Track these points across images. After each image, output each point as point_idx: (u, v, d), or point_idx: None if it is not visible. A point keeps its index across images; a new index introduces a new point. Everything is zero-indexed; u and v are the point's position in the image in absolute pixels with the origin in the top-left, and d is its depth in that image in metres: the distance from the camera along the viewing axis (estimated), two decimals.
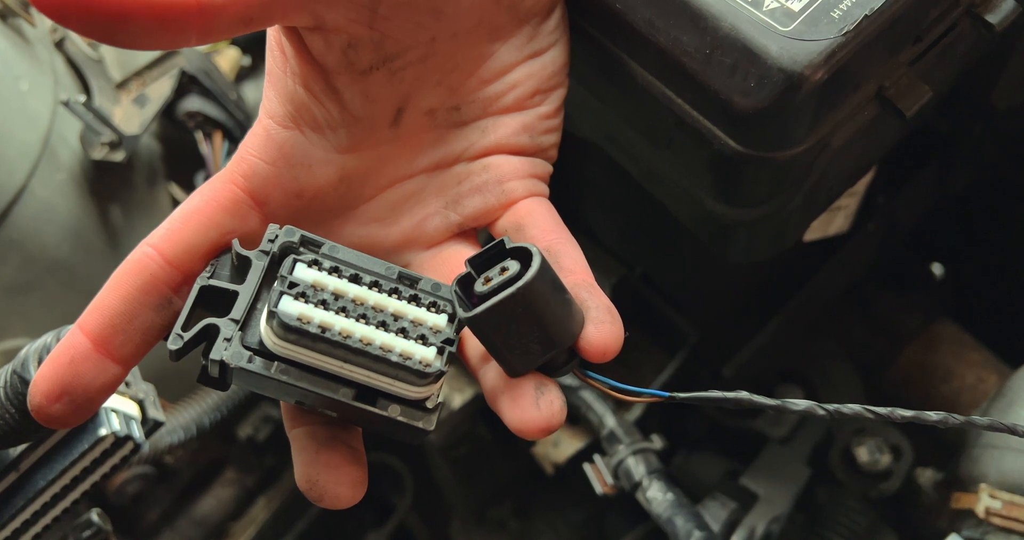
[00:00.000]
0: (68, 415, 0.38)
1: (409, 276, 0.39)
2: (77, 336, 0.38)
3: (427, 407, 0.39)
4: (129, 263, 0.39)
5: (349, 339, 0.36)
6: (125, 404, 0.55)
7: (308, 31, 0.40)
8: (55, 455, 0.53)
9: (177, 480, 0.88)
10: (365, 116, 0.43)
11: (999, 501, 0.61)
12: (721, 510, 0.70)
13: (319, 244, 0.39)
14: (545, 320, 0.36)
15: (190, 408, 0.82)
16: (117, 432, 0.53)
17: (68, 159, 0.75)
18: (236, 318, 0.37)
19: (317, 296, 0.37)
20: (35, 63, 0.75)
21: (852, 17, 0.40)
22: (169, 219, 0.40)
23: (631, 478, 0.68)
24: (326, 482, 0.40)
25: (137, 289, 0.38)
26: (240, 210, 0.41)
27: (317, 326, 0.36)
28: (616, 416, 0.72)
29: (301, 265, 0.37)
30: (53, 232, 0.73)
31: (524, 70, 0.45)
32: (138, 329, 0.38)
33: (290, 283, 0.36)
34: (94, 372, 0.38)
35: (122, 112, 0.78)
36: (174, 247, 0.39)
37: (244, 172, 0.41)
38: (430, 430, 0.39)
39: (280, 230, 0.39)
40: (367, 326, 0.37)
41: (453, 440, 0.82)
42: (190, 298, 0.38)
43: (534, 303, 0.36)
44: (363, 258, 0.39)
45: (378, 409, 0.38)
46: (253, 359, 0.37)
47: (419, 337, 0.38)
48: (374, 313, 0.37)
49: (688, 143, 0.46)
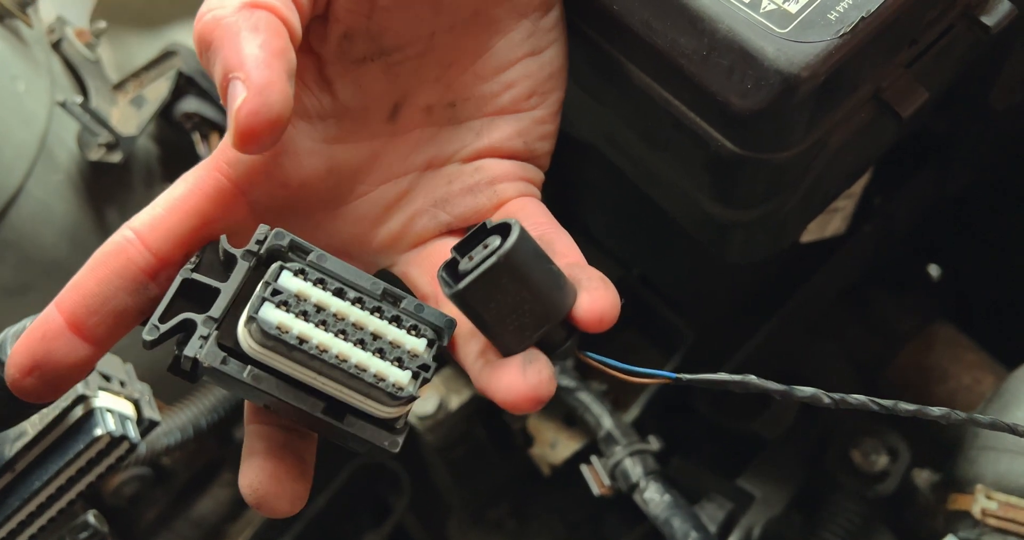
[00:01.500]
0: (40, 389, 0.38)
1: (393, 294, 0.39)
2: (52, 313, 0.38)
3: (395, 427, 0.38)
4: (108, 246, 0.39)
5: (325, 354, 0.36)
6: (120, 404, 0.55)
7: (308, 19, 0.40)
8: (51, 455, 0.53)
9: (174, 481, 0.88)
10: (357, 107, 0.43)
11: (995, 502, 0.61)
12: (718, 511, 0.70)
13: (307, 251, 0.38)
14: (533, 289, 0.36)
15: (187, 409, 0.82)
16: (112, 432, 0.53)
17: (65, 160, 0.75)
18: (215, 316, 0.37)
19: (299, 306, 0.36)
20: (32, 64, 0.74)
21: (849, 19, 0.40)
22: (152, 205, 0.40)
23: (628, 479, 0.68)
24: (267, 493, 0.39)
25: (113, 272, 0.38)
26: (224, 199, 0.40)
27: (295, 337, 0.36)
28: (613, 417, 0.72)
29: (287, 273, 0.37)
30: (50, 233, 0.73)
31: (521, 69, 0.45)
32: (111, 312, 0.38)
33: (273, 290, 0.36)
34: (65, 350, 0.38)
35: (119, 113, 0.78)
36: (154, 234, 0.39)
37: (229, 159, 0.41)
38: (395, 451, 0.38)
39: (270, 232, 0.38)
40: (345, 342, 0.37)
41: (450, 441, 0.82)
42: (171, 290, 0.38)
43: (518, 271, 0.36)
44: (350, 270, 0.39)
45: (345, 426, 0.38)
46: (227, 360, 0.37)
47: (396, 359, 0.38)
48: (354, 330, 0.37)
49: (685, 144, 0.46)
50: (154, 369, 0.58)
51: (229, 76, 0.35)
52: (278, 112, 0.35)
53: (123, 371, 0.58)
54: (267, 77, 0.35)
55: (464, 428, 0.82)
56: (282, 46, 0.36)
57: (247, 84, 0.35)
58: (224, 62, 0.36)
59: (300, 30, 0.38)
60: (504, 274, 0.35)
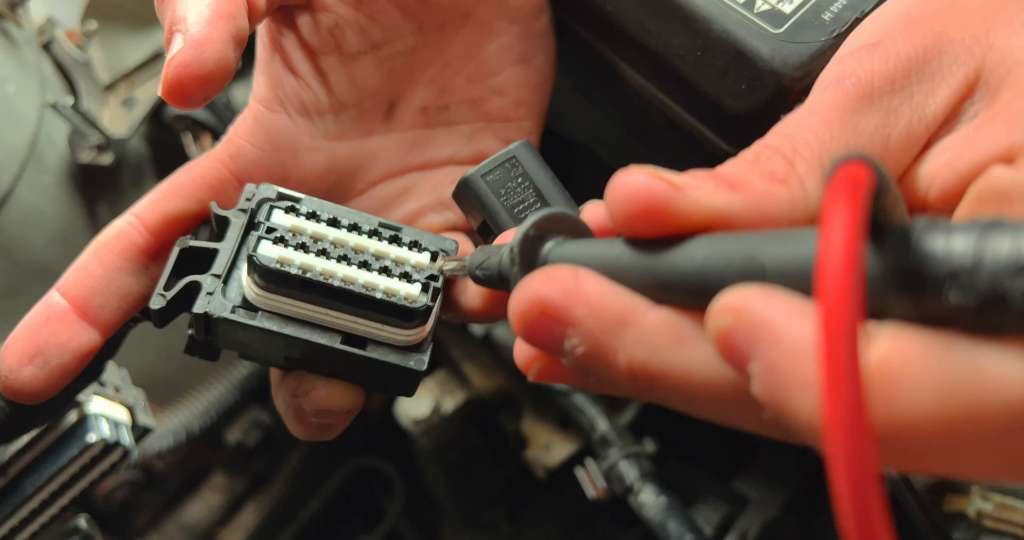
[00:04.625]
0: (39, 381, 0.37)
1: (390, 225, 0.39)
2: (55, 298, 0.38)
3: (418, 348, 0.38)
4: (111, 229, 0.40)
5: (331, 280, 0.36)
6: (115, 409, 0.54)
7: (299, 10, 0.41)
8: (44, 461, 0.52)
9: (166, 486, 0.87)
10: (353, 102, 0.44)
11: (991, 503, 0.61)
12: (713, 513, 0.70)
13: (297, 199, 0.39)
14: (540, 183, 0.38)
15: (180, 413, 0.81)
16: (107, 438, 0.52)
17: (55, 162, 0.75)
18: (217, 273, 0.37)
19: (296, 240, 0.37)
20: (22, 65, 0.74)
21: (843, 19, 0.40)
22: (154, 191, 0.41)
23: (623, 482, 0.68)
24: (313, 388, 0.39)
25: (117, 254, 0.39)
26: (224, 189, 0.41)
27: (297, 268, 0.35)
28: (608, 420, 0.72)
29: (278, 211, 0.37)
30: (40, 236, 0.72)
31: (512, 76, 0.46)
32: (116, 293, 0.38)
33: (267, 228, 0.36)
34: (70, 333, 0.37)
35: (110, 115, 0.78)
36: (154, 215, 0.39)
37: (231, 153, 0.41)
38: (422, 370, 0.38)
39: (257, 188, 0.39)
40: (348, 266, 0.37)
41: (444, 444, 0.81)
42: (171, 259, 0.38)
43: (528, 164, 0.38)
44: (341, 209, 0.39)
45: (368, 353, 0.37)
46: (236, 310, 0.36)
47: (402, 275, 0.38)
48: (355, 254, 0.37)
49: (680, 145, 0.46)
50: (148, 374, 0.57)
51: (172, 29, 0.36)
52: (210, 69, 0.35)
53: (118, 376, 0.57)
54: (206, 33, 0.35)
55: (458, 431, 0.82)
56: (231, 10, 0.36)
57: (185, 37, 0.35)
58: (171, 15, 0.36)
59: (263, 3, 0.39)
60: (513, 165, 0.38)
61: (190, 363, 0.40)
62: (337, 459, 0.92)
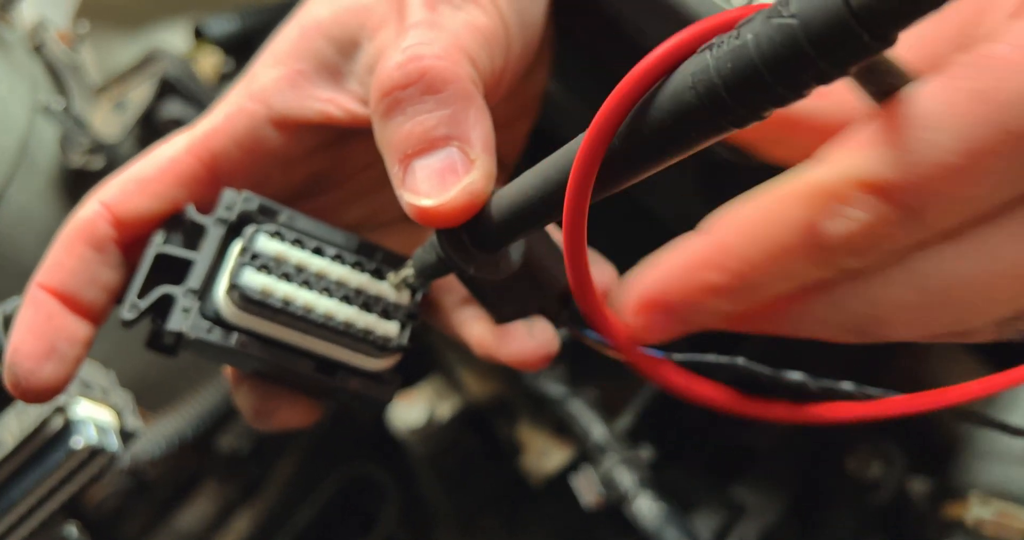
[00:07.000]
0: (60, 376, 0.37)
1: (369, 246, 0.39)
2: (41, 295, 0.37)
3: (385, 379, 0.38)
4: (81, 221, 0.39)
5: (311, 313, 0.36)
6: (102, 413, 0.54)
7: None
8: (30, 467, 0.52)
9: (157, 493, 0.87)
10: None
11: (990, 510, 0.61)
12: (711, 520, 0.70)
13: (277, 212, 0.38)
14: (531, 258, 0.36)
15: (171, 419, 0.81)
16: (93, 443, 0.52)
17: (46, 165, 0.74)
18: (195, 288, 0.37)
19: (280, 269, 0.36)
20: (12, 67, 0.73)
21: None
22: (125, 177, 0.39)
23: (620, 489, 0.68)
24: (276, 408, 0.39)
25: (93, 248, 0.38)
26: (199, 188, 0.40)
27: (280, 299, 0.35)
28: (605, 426, 0.72)
29: (263, 236, 0.36)
30: (30, 239, 0.72)
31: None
32: (100, 286, 0.38)
33: (252, 254, 0.36)
34: (74, 324, 0.37)
35: (101, 118, 0.77)
36: (125, 211, 0.38)
37: (214, 151, 0.39)
38: (387, 401, 0.38)
39: (238, 197, 0.38)
40: (330, 300, 0.36)
41: (439, 451, 0.81)
42: (144, 266, 0.37)
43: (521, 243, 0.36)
44: (323, 227, 0.38)
45: (338, 381, 0.37)
46: (212, 330, 0.36)
47: (382, 311, 0.37)
48: (337, 287, 0.37)
49: None
50: (137, 376, 0.57)
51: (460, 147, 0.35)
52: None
53: (105, 378, 0.57)
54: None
55: (453, 438, 0.81)
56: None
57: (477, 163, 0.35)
58: (460, 135, 0.35)
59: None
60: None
61: (182, 368, 0.39)
62: (331, 465, 0.91)
